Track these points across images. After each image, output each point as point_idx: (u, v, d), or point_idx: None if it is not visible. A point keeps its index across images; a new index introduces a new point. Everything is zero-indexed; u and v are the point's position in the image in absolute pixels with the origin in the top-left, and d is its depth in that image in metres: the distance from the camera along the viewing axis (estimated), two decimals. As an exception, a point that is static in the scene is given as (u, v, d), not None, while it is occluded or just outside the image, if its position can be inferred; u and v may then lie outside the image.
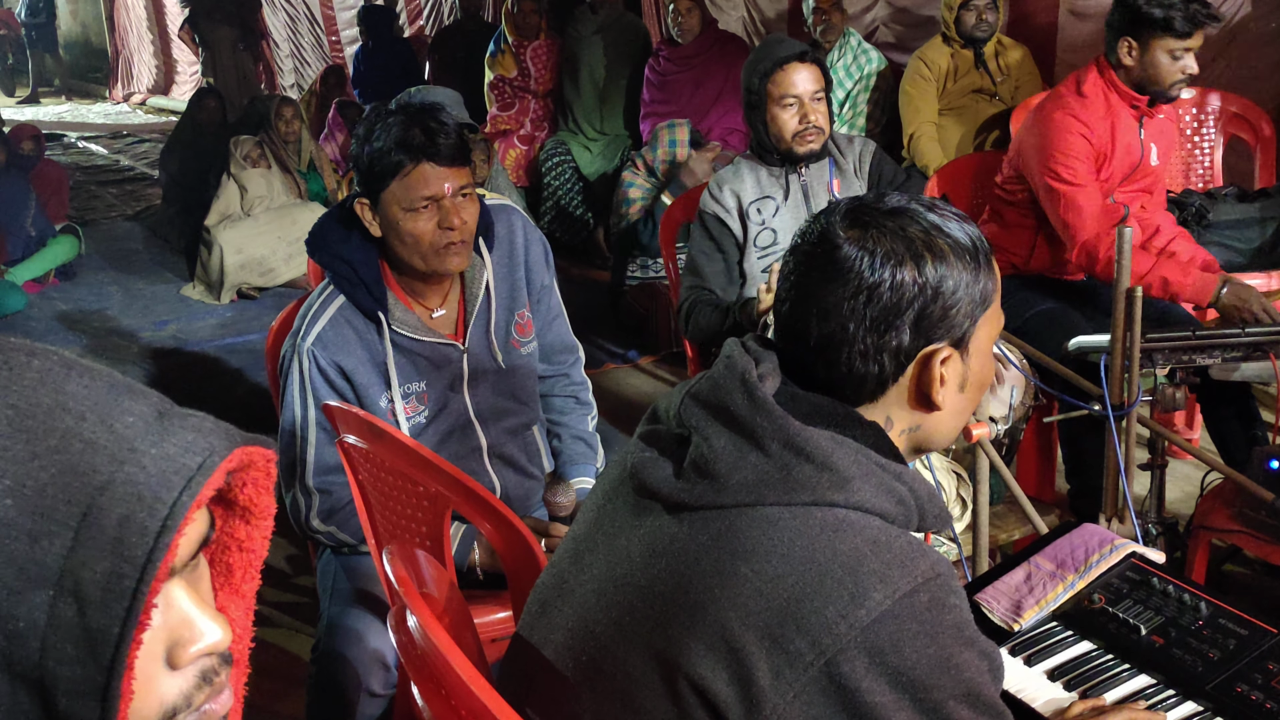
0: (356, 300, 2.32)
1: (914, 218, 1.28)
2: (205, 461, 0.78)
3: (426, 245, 2.26)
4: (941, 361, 1.28)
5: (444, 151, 2.23)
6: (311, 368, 2.30)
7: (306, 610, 3.39)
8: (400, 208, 2.24)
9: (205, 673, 0.82)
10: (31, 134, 7.72)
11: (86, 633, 0.73)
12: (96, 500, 0.74)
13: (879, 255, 1.25)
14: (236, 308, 6.53)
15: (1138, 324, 2.41)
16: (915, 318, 1.26)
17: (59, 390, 0.77)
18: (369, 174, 2.25)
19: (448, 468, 1.96)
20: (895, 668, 1.14)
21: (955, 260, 1.26)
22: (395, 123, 2.23)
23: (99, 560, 0.73)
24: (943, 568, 1.20)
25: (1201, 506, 2.81)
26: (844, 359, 1.27)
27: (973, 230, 1.30)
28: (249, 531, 0.90)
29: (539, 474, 2.60)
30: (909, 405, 1.31)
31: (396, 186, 2.24)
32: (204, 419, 0.82)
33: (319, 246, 2.39)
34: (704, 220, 3.24)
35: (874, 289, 1.25)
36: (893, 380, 1.29)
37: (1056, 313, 3.32)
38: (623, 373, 5.24)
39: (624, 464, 1.36)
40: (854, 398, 1.30)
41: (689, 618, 1.19)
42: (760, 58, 3.15)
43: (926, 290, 1.25)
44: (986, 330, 1.32)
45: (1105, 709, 1.56)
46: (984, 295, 1.29)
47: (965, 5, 5.24)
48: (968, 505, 2.65)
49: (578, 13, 7.07)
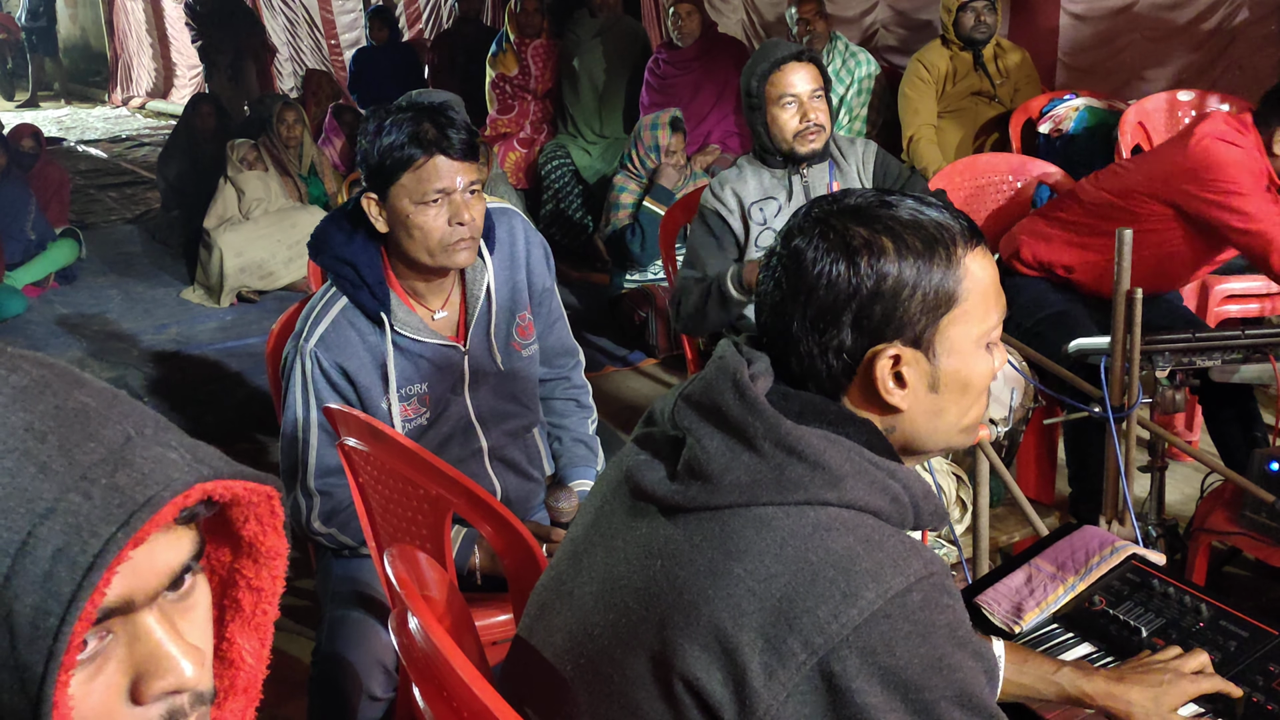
0: (359, 301, 2.32)
1: (865, 215, 1.27)
2: (155, 496, 0.74)
3: (435, 240, 2.27)
4: (894, 361, 1.26)
5: (456, 145, 2.25)
6: (314, 369, 2.30)
7: (306, 613, 3.39)
8: (411, 201, 2.25)
9: (173, 712, 0.79)
10: (30, 132, 7.68)
11: (18, 665, 0.71)
12: (37, 529, 0.71)
13: (820, 253, 1.25)
14: (236, 311, 6.53)
15: (1138, 326, 2.41)
16: (855, 317, 1.24)
17: (30, 409, 0.75)
18: (380, 168, 2.26)
19: (448, 470, 1.96)
20: (887, 667, 1.14)
21: (898, 258, 1.24)
22: (408, 118, 2.24)
23: (29, 593, 0.71)
24: (936, 567, 1.19)
25: (1201, 508, 2.81)
26: (793, 359, 1.28)
27: (941, 226, 1.27)
28: (257, 570, 0.88)
29: (539, 477, 2.60)
30: (866, 407, 1.29)
31: (408, 179, 2.24)
32: (176, 449, 0.78)
33: (321, 249, 2.39)
34: (705, 217, 3.24)
35: (811, 288, 1.25)
36: (845, 379, 1.28)
37: (1067, 315, 3.32)
38: (622, 376, 5.24)
39: (620, 467, 1.36)
40: (823, 396, 1.29)
41: (683, 618, 1.19)
42: (757, 60, 3.16)
43: (863, 288, 1.24)
44: (962, 329, 1.27)
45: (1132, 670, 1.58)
46: (942, 293, 1.25)
47: (964, 7, 5.25)
48: (968, 507, 2.65)
49: (577, 16, 7.09)
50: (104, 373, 5.58)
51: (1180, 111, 5.02)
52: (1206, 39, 5.33)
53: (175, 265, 7.43)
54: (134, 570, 0.75)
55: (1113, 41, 5.72)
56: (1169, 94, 5.09)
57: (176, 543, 0.79)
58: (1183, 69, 5.42)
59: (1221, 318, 4.08)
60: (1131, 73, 5.65)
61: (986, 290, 1.29)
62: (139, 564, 0.76)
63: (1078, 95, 5.27)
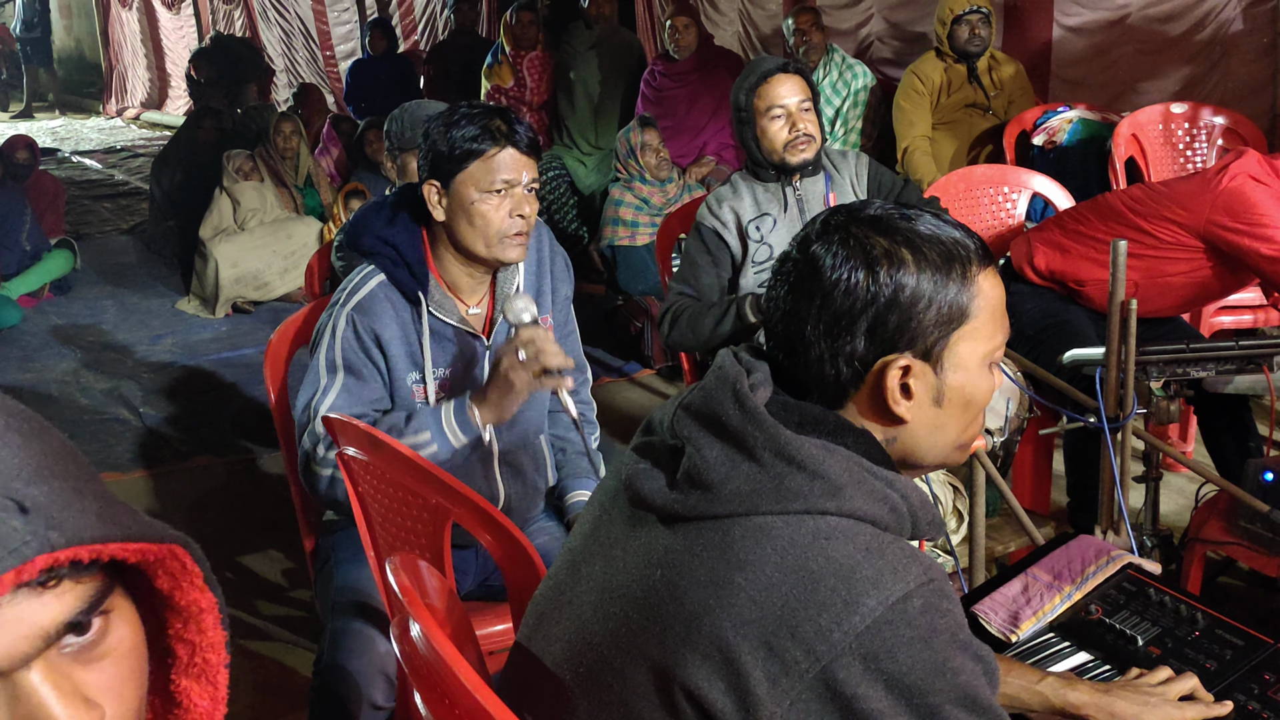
0: (397, 279, 2.39)
1: (886, 225, 1.28)
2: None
3: (494, 230, 2.35)
4: (904, 372, 1.27)
5: (525, 141, 2.35)
6: (348, 330, 2.37)
7: (303, 624, 3.39)
8: (477, 189, 2.33)
9: None
10: (25, 143, 7.70)
11: None
12: None
13: (839, 259, 1.26)
14: (231, 322, 6.53)
15: (1132, 337, 2.42)
16: (870, 325, 1.25)
17: None
18: (448, 157, 2.34)
19: (447, 479, 1.97)
20: (890, 673, 1.14)
21: (917, 270, 1.25)
22: (479, 113, 2.36)
23: None
24: (935, 573, 1.20)
25: (1196, 519, 2.82)
26: (804, 363, 1.29)
27: (959, 243, 1.28)
28: (185, 623, 0.84)
29: (542, 485, 2.61)
30: (871, 416, 1.30)
31: (477, 168, 2.33)
32: (31, 511, 0.73)
33: (361, 233, 2.47)
34: (702, 233, 3.25)
35: (828, 293, 1.26)
36: (853, 387, 1.29)
37: (1072, 325, 3.34)
38: (618, 387, 5.25)
39: (619, 475, 1.36)
40: (826, 405, 1.30)
41: (684, 628, 1.20)
42: (746, 75, 3.19)
43: (880, 298, 1.25)
44: (970, 346, 1.29)
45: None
46: (956, 309, 1.27)
47: (958, 20, 5.27)
48: (964, 517, 2.66)
49: (572, 28, 7.10)
50: (99, 384, 5.59)
51: (1174, 124, 5.05)
52: (1200, 51, 5.35)
53: (170, 276, 7.44)
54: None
55: (1106, 54, 5.75)
56: (1163, 106, 5.11)
57: (52, 601, 0.74)
58: (1176, 81, 5.44)
59: (1216, 329, 4.11)
60: (1125, 85, 5.67)
61: (995, 310, 1.31)
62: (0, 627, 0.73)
63: (1071, 107, 5.29)
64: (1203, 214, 3.26)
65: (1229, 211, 3.23)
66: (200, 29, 14.19)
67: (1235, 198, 3.22)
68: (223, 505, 4.29)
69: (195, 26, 14.34)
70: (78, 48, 18.36)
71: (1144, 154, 4.96)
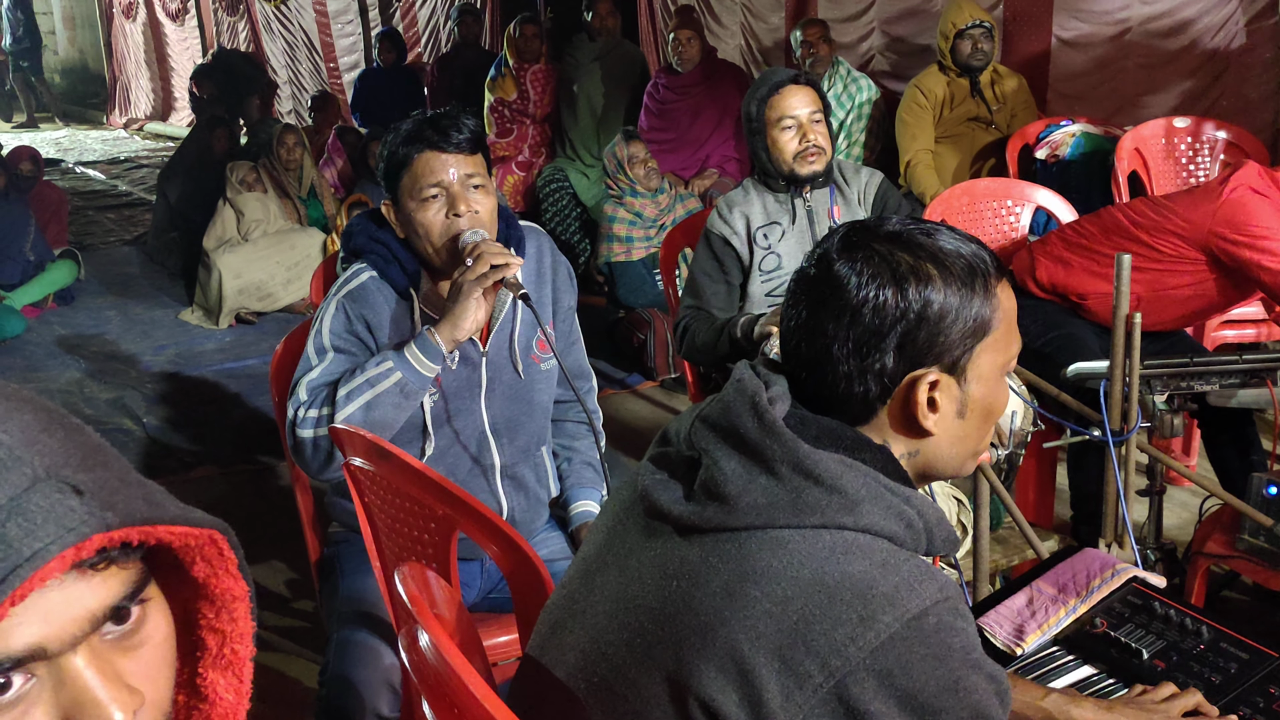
0: (389, 276, 2.39)
1: (908, 242, 1.29)
2: (41, 550, 0.71)
3: (437, 235, 2.32)
4: (931, 386, 1.28)
5: (451, 139, 2.30)
6: (338, 314, 2.37)
7: (305, 634, 3.39)
8: (412, 199, 2.32)
9: None
10: (29, 154, 7.72)
11: None
12: None
13: (865, 277, 1.26)
14: (235, 333, 6.54)
15: (1136, 350, 2.42)
16: (899, 341, 1.26)
17: None
18: (385, 173, 2.35)
19: (454, 489, 1.97)
20: (904, 690, 1.15)
21: (944, 285, 1.26)
22: (413, 123, 2.33)
23: None
24: (951, 591, 1.20)
25: (1200, 532, 2.82)
26: (830, 380, 1.29)
27: (978, 256, 1.30)
28: (216, 612, 0.86)
29: (546, 497, 2.61)
30: (897, 430, 1.31)
31: (406, 179, 2.32)
32: (86, 493, 0.74)
33: (355, 233, 2.46)
34: (710, 241, 3.26)
35: (856, 311, 1.26)
36: (880, 403, 1.29)
37: (1075, 338, 3.34)
38: (620, 398, 5.25)
39: (635, 486, 1.37)
40: (849, 420, 1.31)
41: (699, 639, 1.20)
42: (758, 85, 3.21)
43: (909, 314, 1.26)
44: (990, 358, 1.31)
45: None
46: (980, 321, 1.28)
47: (961, 34, 5.30)
48: (968, 530, 2.66)
49: (576, 40, 7.13)
50: (103, 394, 5.60)
51: (1177, 138, 5.06)
52: (1202, 66, 5.36)
53: (174, 286, 7.46)
54: (44, 617, 0.73)
55: (1105, 68, 5.76)
56: (1165, 120, 5.12)
57: (100, 585, 0.76)
58: (1178, 95, 5.45)
59: (1219, 343, 4.11)
60: (1125, 99, 5.68)
61: (1012, 320, 1.33)
62: (51, 610, 0.74)
63: (1074, 121, 5.30)
64: (1204, 226, 3.27)
65: (1230, 224, 3.24)
66: (204, 41, 14.21)
67: (1236, 209, 3.23)
68: (226, 516, 4.16)
69: (199, 38, 14.36)
70: (81, 59, 18.39)
71: (1147, 168, 4.97)
